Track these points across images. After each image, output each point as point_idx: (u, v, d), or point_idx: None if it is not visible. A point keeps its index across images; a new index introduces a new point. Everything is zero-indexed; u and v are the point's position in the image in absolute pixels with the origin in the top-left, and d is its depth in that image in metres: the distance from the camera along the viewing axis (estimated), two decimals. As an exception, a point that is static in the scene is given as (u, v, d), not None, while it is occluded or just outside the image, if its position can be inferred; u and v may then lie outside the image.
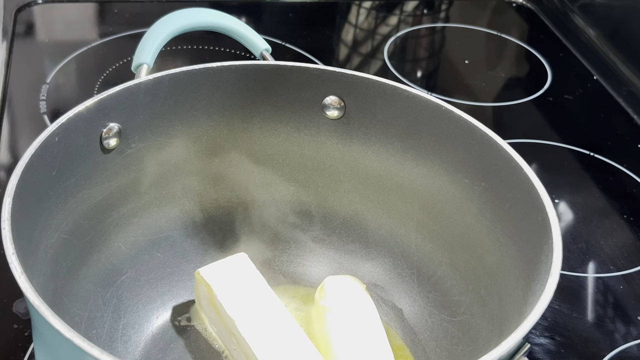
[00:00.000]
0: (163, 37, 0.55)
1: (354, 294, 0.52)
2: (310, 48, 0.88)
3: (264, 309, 0.49)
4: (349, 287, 0.52)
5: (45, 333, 0.38)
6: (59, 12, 0.93)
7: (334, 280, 0.53)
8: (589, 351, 0.56)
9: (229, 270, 0.51)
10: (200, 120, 0.54)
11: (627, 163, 0.76)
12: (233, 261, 0.52)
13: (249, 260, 0.53)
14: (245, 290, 0.50)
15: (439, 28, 1.01)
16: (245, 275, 0.51)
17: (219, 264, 0.52)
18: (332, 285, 0.52)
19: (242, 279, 0.51)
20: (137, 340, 0.51)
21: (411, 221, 0.54)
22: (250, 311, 0.49)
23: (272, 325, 0.48)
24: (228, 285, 0.50)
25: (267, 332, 0.48)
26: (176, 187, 0.55)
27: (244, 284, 0.51)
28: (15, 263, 0.37)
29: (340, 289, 0.52)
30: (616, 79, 0.88)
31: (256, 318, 0.49)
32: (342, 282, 0.52)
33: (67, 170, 0.46)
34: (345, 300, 0.51)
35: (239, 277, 0.51)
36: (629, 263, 0.64)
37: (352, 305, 0.51)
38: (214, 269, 0.51)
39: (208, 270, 0.51)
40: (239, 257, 0.53)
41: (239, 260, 0.52)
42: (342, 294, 0.52)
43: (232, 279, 0.51)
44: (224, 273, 0.51)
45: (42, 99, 0.76)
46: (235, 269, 0.52)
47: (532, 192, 0.44)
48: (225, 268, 0.52)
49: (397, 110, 0.52)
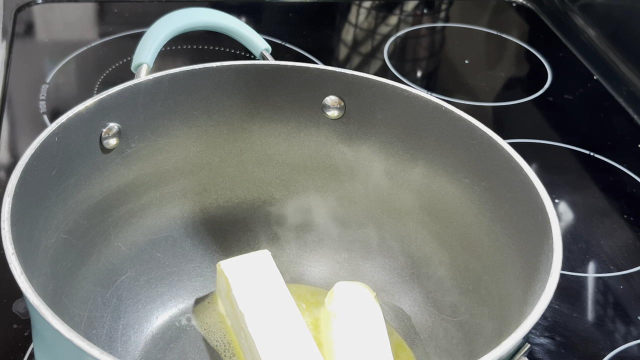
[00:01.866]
0: (163, 37, 0.55)
1: (362, 301, 0.51)
2: (310, 48, 0.88)
3: (275, 308, 0.50)
4: (358, 293, 0.52)
5: (44, 333, 0.38)
6: (58, 12, 0.93)
7: (344, 285, 0.53)
8: (589, 351, 0.56)
9: (248, 266, 0.52)
10: (200, 120, 0.54)
11: (627, 163, 0.76)
12: (254, 257, 0.53)
13: (270, 257, 0.53)
14: (261, 287, 0.51)
15: (439, 28, 1.01)
16: (264, 272, 0.52)
17: (240, 258, 0.53)
18: (341, 290, 0.52)
19: (260, 276, 0.52)
20: (137, 341, 0.51)
21: (411, 221, 0.54)
22: (261, 308, 0.49)
23: (280, 324, 0.49)
24: (245, 280, 0.51)
25: (273, 331, 0.48)
26: (176, 187, 0.55)
27: (260, 281, 0.51)
28: (15, 263, 0.37)
29: (349, 294, 0.52)
30: (616, 78, 0.88)
31: (266, 315, 0.49)
32: (352, 288, 0.52)
33: (67, 170, 0.46)
34: (352, 306, 0.51)
35: (257, 273, 0.52)
36: (629, 263, 0.64)
37: (358, 312, 0.51)
38: (234, 263, 0.52)
39: (228, 263, 0.52)
40: (261, 254, 0.53)
41: (260, 257, 0.53)
42: (350, 300, 0.51)
43: (250, 274, 0.52)
44: (243, 268, 0.52)
45: (41, 99, 0.76)
46: (255, 265, 0.52)
47: (532, 192, 0.44)
48: (245, 263, 0.52)
49: (397, 110, 0.52)
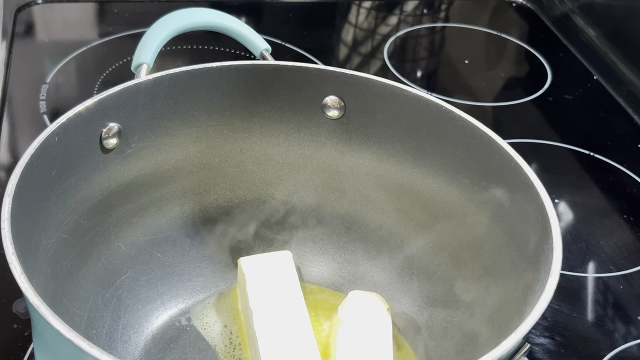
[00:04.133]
0: (163, 37, 0.55)
1: (373, 312, 0.51)
2: (310, 48, 0.88)
3: (285, 309, 0.50)
4: (370, 304, 0.52)
5: (45, 333, 0.38)
6: (58, 12, 0.93)
7: (358, 295, 0.52)
8: (589, 351, 0.56)
9: (267, 265, 0.53)
10: (200, 120, 0.54)
11: (627, 163, 0.76)
12: (275, 257, 0.53)
13: (291, 259, 0.54)
14: (275, 287, 0.51)
15: (439, 28, 1.01)
16: (282, 272, 0.52)
17: (261, 256, 0.53)
18: (354, 299, 0.52)
19: (277, 276, 0.52)
20: (137, 340, 0.51)
21: (411, 221, 0.54)
22: (271, 307, 0.50)
23: (286, 325, 0.49)
24: (261, 278, 0.52)
25: (278, 330, 0.48)
26: (176, 187, 0.55)
27: (276, 281, 0.52)
28: (15, 263, 0.37)
29: (361, 304, 0.51)
30: (616, 78, 0.88)
31: (274, 315, 0.49)
32: (365, 299, 0.52)
33: (67, 170, 0.46)
34: (362, 316, 0.51)
35: (275, 273, 0.52)
36: (629, 263, 0.64)
37: (367, 322, 0.50)
38: (254, 261, 0.53)
39: (248, 260, 0.53)
40: (282, 255, 0.54)
41: (281, 257, 0.53)
42: (361, 309, 0.51)
43: (267, 273, 0.52)
44: (261, 266, 0.52)
45: (41, 99, 0.76)
46: (274, 264, 0.53)
47: (532, 192, 0.44)
48: (265, 262, 0.53)
49: (397, 110, 0.52)
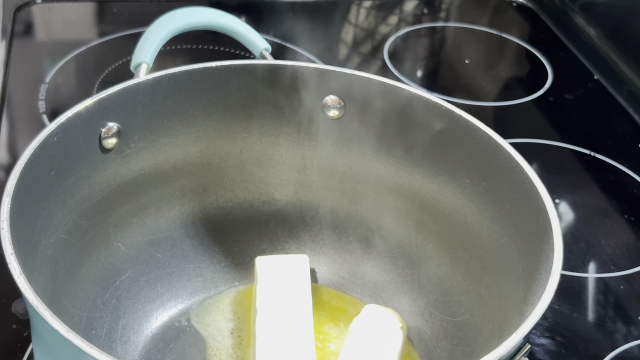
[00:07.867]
0: (162, 36, 0.55)
1: (385, 327, 0.51)
2: (310, 48, 0.88)
3: (290, 311, 0.50)
4: (384, 319, 0.51)
5: (44, 333, 0.38)
6: (58, 12, 0.93)
7: (374, 309, 0.52)
8: (590, 351, 0.56)
9: (282, 267, 0.53)
10: (200, 120, 0.54)
11: (627, 163, 0.75)
12: (291, 260, 0.54)
13: (307, 263, 0.54)
14: (284, 290, 0.51)
15: (439, 27, 1.01)
16: (295, 275, 0.52)
17: (277, 257, 0.54)
18: (369, 312, 0.51)
19: (289, 279, 0.52)
20: (137, 341, 0.51)
21: (411, 221, 0.54)
22: (277, 309, 0.50)
23: (288, 328, 0.49)
24: (272, 279, 0.52)
25: (278, 333, 0.48)
26: (176, 187, 0.55)
27: (287, 284, 0.52)
28: (14, 263, 0.37)
29: (375, 318, 0.51)
30: (617, 78, 0.88)
31: (277, 317, 0.49)
32: (380, 313, 0.52)
33: (66, 170, 0.46)
34: (372, 330, 0.50)
35: (287, 276, 0.52)
36: (630, 263, 0.64)
37: (376, 336, 0.50)
38: (270, 261, 0.53)
39: (263, 260, 0.53)
40: (298, 258, 0.54)
41: (297, 261, 0.54)
42: (373, 323, 0.51)
43: (279, 275, 0.52)
44: (275, 267, 0.53)
45: (41, 99, 0.76)
46: (288, 267, 0.53)
47: (532, 192, 0.44)
48: (280, 263, 0.53)
49: (397, 110, 0.52)
